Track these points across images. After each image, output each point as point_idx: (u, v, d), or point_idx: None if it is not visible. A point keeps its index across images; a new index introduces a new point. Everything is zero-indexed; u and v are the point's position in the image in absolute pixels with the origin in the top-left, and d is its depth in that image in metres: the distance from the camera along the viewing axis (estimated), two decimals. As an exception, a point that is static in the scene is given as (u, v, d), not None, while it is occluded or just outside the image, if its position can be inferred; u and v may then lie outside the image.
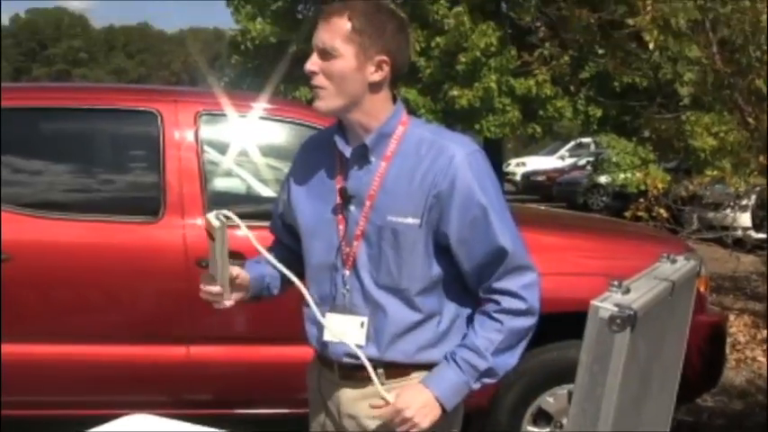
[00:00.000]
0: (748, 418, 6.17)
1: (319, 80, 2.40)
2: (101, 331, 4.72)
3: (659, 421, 1.83)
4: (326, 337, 2.50)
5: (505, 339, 2.39)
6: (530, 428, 4.86)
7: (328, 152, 2.54)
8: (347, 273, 2.47)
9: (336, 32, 2.36)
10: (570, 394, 4.53)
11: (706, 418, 6.16)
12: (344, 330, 2.46)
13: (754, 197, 11.17)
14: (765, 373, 7.32)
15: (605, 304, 1.27)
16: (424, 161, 2.40)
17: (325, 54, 2.38)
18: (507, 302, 2.39)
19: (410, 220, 2.39)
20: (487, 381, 2.41)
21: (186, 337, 4.68)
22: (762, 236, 13.54)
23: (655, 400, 1.71)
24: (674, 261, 1.68)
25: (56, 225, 4.74)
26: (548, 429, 4.88)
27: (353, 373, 2.50)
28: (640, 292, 1.38)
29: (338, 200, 2.48)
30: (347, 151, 2.47)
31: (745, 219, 13.54)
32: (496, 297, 2.40)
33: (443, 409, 2.36)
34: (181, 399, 4.67)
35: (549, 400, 4.85)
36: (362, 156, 2.46)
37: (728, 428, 5.94)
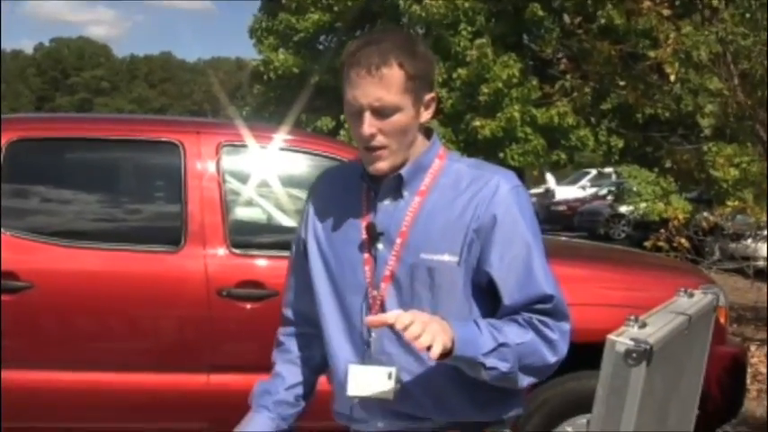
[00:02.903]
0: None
1: (380, 141, 2.17)
2: (121, 359, 4.74)
3: (677, 454, 1.83)
4: (350, 391, 2.22)
5: (523, 348, 2.14)
6: (550, 458, 4.85)
7: (351, 187, 2.33)
8: None
9: (392, 86, 2.15)
10: (589, 424, 4.50)
11: (727, 451, 6.11)
12: (369, 384, 2.21)
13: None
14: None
15: (621, 338, 1.29)
16: (464, 194, 2.21)
17: (383, 112, 2.15)
18: (541, 326, 2.16)
19: (447, 258, 2.18)
20: (496, 365, 2.10)
21: (206, 365, 4.71)
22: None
23: (672, 434, 1.71)
24: (691, 295, 1.69)
25: (76, 254, 4.77)
26: (568, 459, 4.87)
27: None
28: (657, 327, 1.39)
29: (364, 237, 2.26)
30: (377, 186, 2.27)
31: (764, 249, 13.47)
32: (530, 316, 2.18)
33: (451, 354, 2.03)
34: (201, 427, 4.69)
35: (569, 430, 4.83)
36: (395, 189, 2.25)
37: (750, 460, 5.90)
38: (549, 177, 30.57)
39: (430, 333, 1.94)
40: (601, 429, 1.31)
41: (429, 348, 1.95)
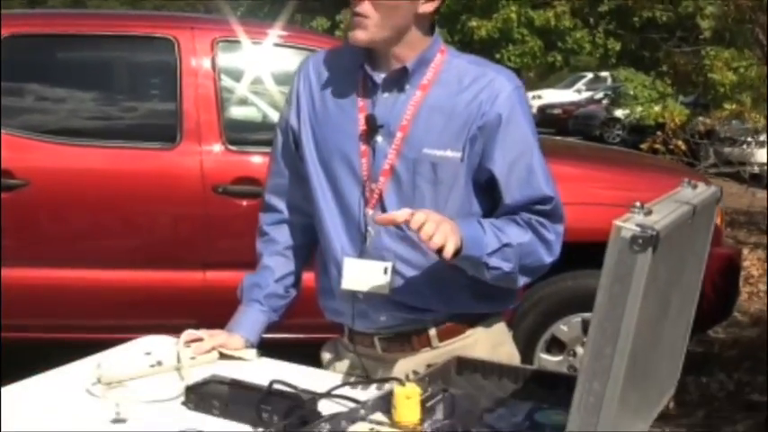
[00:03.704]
0: (759, 349, 6.19)
1: (364, 8, 2.12)
2: (117, 256, 4.76)
3: (676, 347, 1.84)
4: (344, 285, 2.21)
5: (523, 248, 2.14)
6: (543, 356, 4.90)
7: (347, 75, 2.26)
8: (370, 212, 2.19)
9: None
10: (584, 323, 4.57)
11: (717, 350, 6.19)
12: (365, 278, 2.20)
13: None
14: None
15: (627, 224, 1.27)
16: (468, 91, 2.17)
17: None
18: (539, 227, 2.17)
19: (450, 154, 2.14)
20: (500, 265, 2.10)
21: (202, 262, 4.73)
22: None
23: (672, 326, 1.72)
24: (694, 186, 1.68)
25: (72, 151, 4.78)
26: (560, 357, 4.92)
27: (400, 340, 2.29)
28: (662, 214, 1.38)
29: (362, 128, 2.20)
30: (378, 76, 2.20)
31: (761, 154, 13.47)
32: (529, 216, 2.17)
33: (459, 254, 2.01)
34: (197, 324, 4.71)
35: (563, 329, 4.88)
36: (397, 81, 2.20)
37: (739, 360, 5.96)
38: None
39: (442, 233, 1.93)
40: (604, 317, 1.31)
41: (440, 249, 1.94)
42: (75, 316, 4.77)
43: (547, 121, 28.09)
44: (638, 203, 1.35)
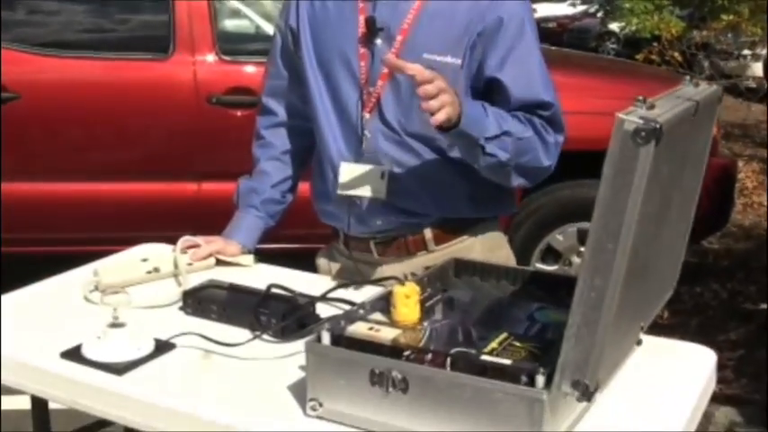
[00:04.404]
0: (752, 260, 6.22)
1: None
2: (110, 168, 4.76)
3: (675, 247, 1.83)
4: (340, 189, 2.20)
5: (523, 144, 2.09)
6: (538, 266, 4.92)
7: None
8: (367, 116, 2.18)
9: None
10: (580, 232, 4.57)
11: (711, 260, 6.22)
12: (361, 182, 2.18)
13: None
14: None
15: (631, 117, 1.25)
16: None
17: None
18: (540, 127, 2.12)
19: (450, 60, 2.09)
20: (496, 152, 2.04)
21: (197, 173, 4.71)
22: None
23: (673, 226, 1.70)
24: (696, 84, 1.65)
25: (64, 64, 4.75)
26: (556, 267, 4.94)
27: (396, 244, 2.29)
28: (665, 109, 1.36)
29: (362, 30, 2.16)
30: None
31: (758, 68, 13.40)
32: (531, 116, 2.13)
33: (455, 130, 1.97)
34: (193, 234, 4.71)
35: (559, 238, 4.89)
36: None
37: (732, 270, 5.99)
38: None
39: (441, 100, 1.88)
40: (606, 211, 1.29)
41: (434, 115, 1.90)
42: (68, 229, 4.77)
43: (542, 34, 27.58)
44: (640, 98, 1.33)
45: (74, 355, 1.80)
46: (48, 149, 4.72)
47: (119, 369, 1.74)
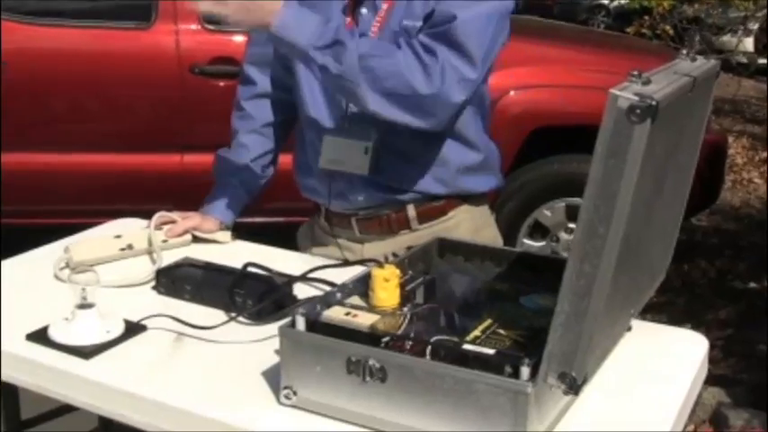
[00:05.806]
0: (741, 237, 6.18)
1: None
2: (92, 139, 4.68)
3: (668, 229, 1.76)
4: (321, 164, 2.15)
5: (378, 63, 1.91)
6: (526, 241, 4.86)
7: None
8: None
9: None
10: (568, 208, 4.50)
11: (699, 237, 6.17)
12: (344, 157, 2.13)
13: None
14: (762, 194, 7.32)
15: (625, 93, 1.17)
16: None
17: None
18: (421, 48, 1.92)
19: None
20: (326, 63, 1.88)
21: (180, 144, 4.63)
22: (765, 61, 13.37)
23: (667, 207, 1.64)
24: (693, 59, 1.57)
25: (47, 32, 4.66)
26: (543, 243, 4.87)
27: (378, 221, 2.22)
28: (661, 85, 1.28)
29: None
30: None
31: (748, 43, 13.33)
32: (419, 40, 1.95)
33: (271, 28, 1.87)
34: (174, 207, 4.64)
35: (547, 214, 4.81)
36: None
37: (721, 248, 5.95)
38: None
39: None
40: (598, 194, 1.22)
41: None
42: (49, 201, 4.71)
43: (532, 7, 27.71)
44: (635, 72, 1.25)
45: (40, 337, 1.73)
46: (28, 119, 4.64)
47: (86, 353, 1.67)
